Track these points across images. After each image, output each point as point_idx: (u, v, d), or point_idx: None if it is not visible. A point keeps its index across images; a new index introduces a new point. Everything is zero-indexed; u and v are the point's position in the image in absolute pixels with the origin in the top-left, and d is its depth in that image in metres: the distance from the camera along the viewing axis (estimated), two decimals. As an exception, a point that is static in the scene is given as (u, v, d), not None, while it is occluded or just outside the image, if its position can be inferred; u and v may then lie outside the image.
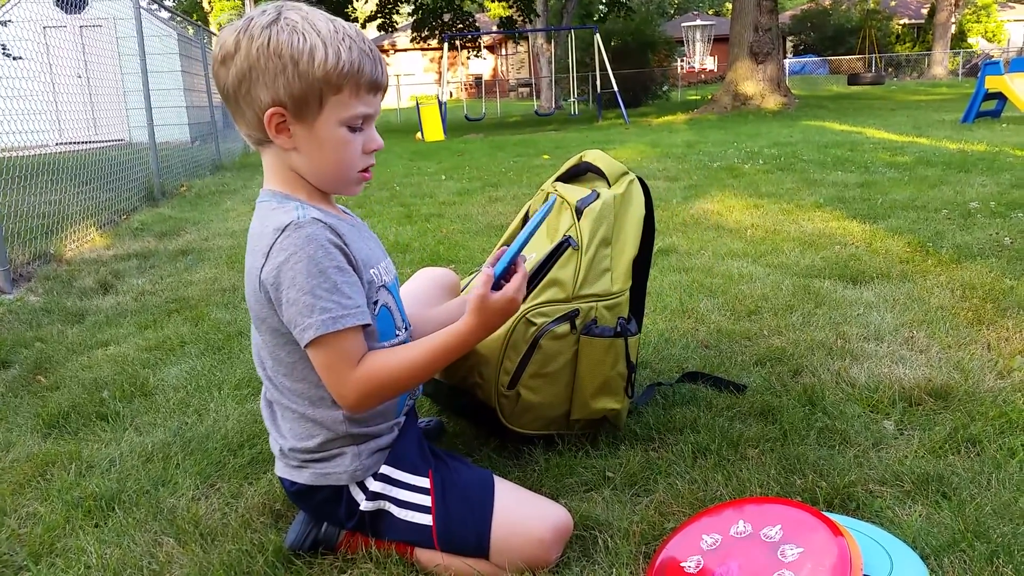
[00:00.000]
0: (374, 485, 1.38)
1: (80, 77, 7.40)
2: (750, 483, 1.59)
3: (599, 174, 1.86)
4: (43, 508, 1.65)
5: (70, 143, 6.70)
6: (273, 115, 1.25)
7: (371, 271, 1.36)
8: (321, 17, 1.26)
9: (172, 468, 1.79)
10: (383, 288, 1.39)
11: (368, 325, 1.29)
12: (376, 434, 1.40)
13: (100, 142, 7.43)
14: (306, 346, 1.26)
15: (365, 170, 1.35)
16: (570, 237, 1.71)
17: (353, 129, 1.30)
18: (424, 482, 1.39)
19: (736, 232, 4.10)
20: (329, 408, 1.35)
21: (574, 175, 1.94)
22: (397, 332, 1.43)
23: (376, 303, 1.36)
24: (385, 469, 1.39)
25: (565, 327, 1.67)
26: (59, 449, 1.92)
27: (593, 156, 1.89)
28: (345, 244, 1.29)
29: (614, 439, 1.81)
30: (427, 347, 1.32)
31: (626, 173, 1.84)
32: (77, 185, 5.69)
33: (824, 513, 1.27)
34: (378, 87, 1.31)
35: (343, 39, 1.24)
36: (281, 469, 1.43)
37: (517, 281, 1.33)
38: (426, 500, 1.37)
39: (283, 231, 1.25)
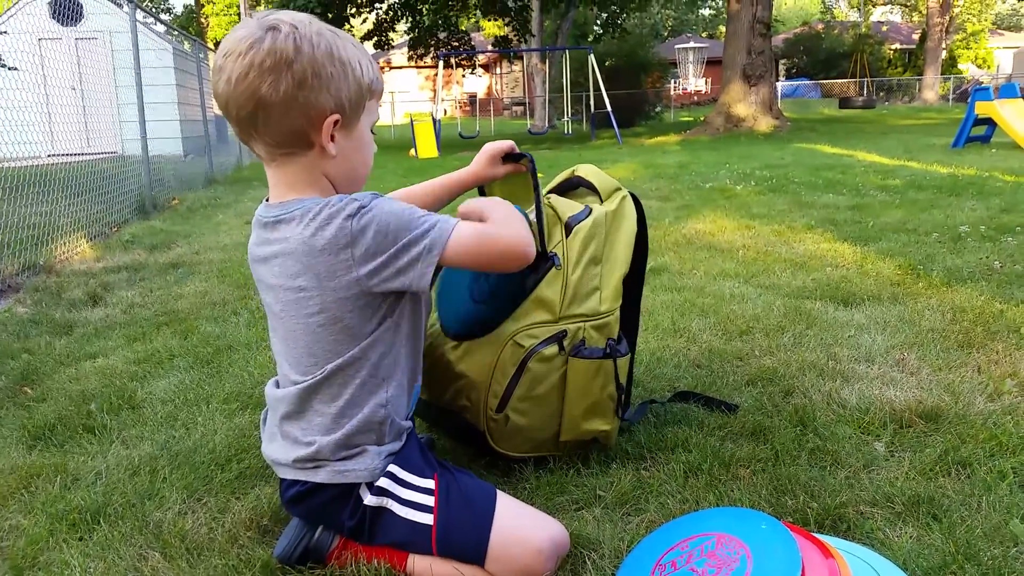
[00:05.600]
0: (380, 481, 1.38)
1: (74, 89, 7.40)
2: (741, 503, 1.58)
3: (591, 189, 1.84)
4: (27, 521, 1.63)
5: (62, 155, 6.69)
6: (332, 122, 1.28)
7: None
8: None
9: (159, 482, 1.77)
10: None
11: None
12: (389, 439, 1.42)
13: (92, 154, 7.43)
14: (446, 244, 1.29)
15: None
16: (555, 255, 1.68)
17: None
18: (429, 483, 1.39)
19: (728, 252, 4.11)
20: (375, 391, 1.38)
21: (566, 189, 1.92)
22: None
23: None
24: (392, 468, 1.39)
25: (553, 348, 1.64)
26: (44, 461, 1.89)
27: (585, 171, 1.86)
28: None
29: (605, 458, 1.80)
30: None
31: (619, 189, 1.81)
32: (68, 197, 5.68)
33: (814, 534, 1.27)
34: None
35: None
36: (288, 472, 1.40)
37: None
38: (429, 500, 1.37)
39: (346, 197, 1.28)
